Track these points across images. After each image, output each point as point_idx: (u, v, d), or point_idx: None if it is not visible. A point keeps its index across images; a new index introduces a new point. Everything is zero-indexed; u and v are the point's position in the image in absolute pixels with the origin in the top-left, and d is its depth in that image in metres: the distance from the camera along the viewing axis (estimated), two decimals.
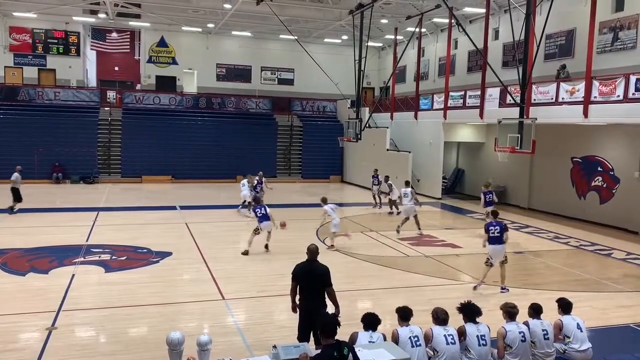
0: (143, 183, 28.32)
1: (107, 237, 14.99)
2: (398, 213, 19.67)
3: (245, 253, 13.31)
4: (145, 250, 13.60)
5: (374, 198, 21.87)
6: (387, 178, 20.89)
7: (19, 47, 30.93)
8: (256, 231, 13.58)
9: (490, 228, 10.65)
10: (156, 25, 31.99)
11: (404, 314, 6.34)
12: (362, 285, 11.19)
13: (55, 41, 31.50)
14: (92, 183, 27.46)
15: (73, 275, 11.18)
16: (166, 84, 33.58)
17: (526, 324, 6.62)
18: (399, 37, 30.16)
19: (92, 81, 33.36)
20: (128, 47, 32.91)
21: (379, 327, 6.18)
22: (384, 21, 29.05)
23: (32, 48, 31.15)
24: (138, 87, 33.18)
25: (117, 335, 8.29)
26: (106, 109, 30.34)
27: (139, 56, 33.38)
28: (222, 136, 30.53)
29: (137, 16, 30.21)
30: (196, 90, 33.87)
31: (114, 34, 32.62)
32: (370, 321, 6.12)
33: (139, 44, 33.23)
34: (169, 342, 5.56)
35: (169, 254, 13.30)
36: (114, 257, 12.87)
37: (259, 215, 13.52)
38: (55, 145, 27.33)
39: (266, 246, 13.63)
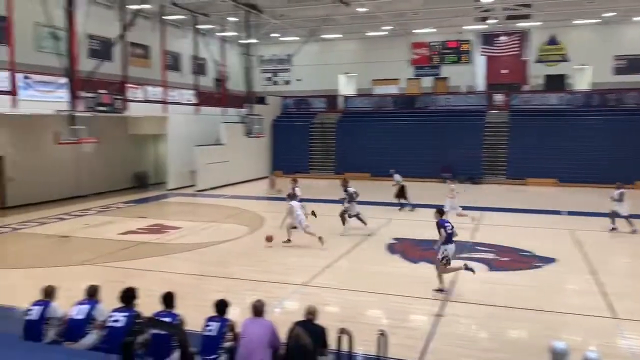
0: (527, 185, 27.91)
1: (491, 236, 15.40)
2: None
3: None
4: (528, 254, 13.42)
5: None
6: (619, 185, 16.04)
7: (418, 60, 34.84)
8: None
9: None
10: (546, 23, 30.94)
11: None
12: None
13: (449, 51, 34.19)
14: (478, 183, 28.67)
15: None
16: (555, 82, 32.16)
17: None
18: None
19: (481, 85, 34.76)
20: (517, 49, 32.91)
21: None
22: None
23: (428, 60, 34.64)
24: (525, 88, 32.87)
25: (496, 334, 8.49)
26: (493, 111, 31.16)
27: (527, 57, 32.97)
28: (615, 136, 27.34)
29: (526, 17, 29.92)
30: (589, 87, 31.28)
31: (503, 37, 33.11)
32: None
33: (528, 44, 32.81)
34: (553, 350, 5.37)
35: (552, 260, 12.78)
36: (497, 257, 13.17)
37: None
38: (445, 147, 29.67)
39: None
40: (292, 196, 15.01)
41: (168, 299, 6.49)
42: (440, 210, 11.12)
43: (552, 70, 32.39)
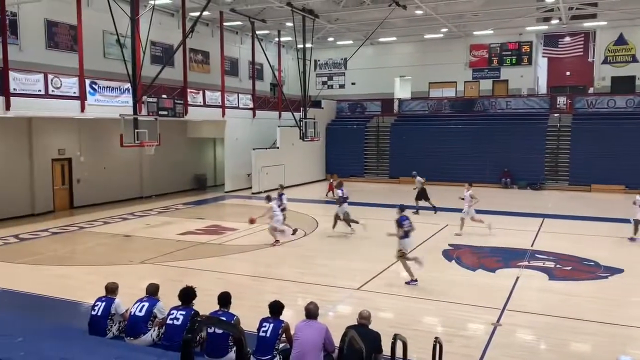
0: (592, 192, 26.72)
1: (552, 244, 14.83)
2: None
3: None
4: (592, 264, 12.83)
5: None
6: None
7: (477, 62, 34.05)
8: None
9: None
10: (614, 23, 29.58)
11: None
12: None
13: (509, 53, 33.23)
14: (539, 189, 27.70)
15: (517, 277, 11.58)
16: (623, 84, 30.65)
17: None
18: None
19: (542, 88, 33.59)
20: (581, 50, 31.60)
21: None
22: None
23: (487, 62, 33.79)
24: (590, 90, 31.50)
25: (557, 345, 8.16)
26: (555, 115, 30.05)
27: (593, 58, 31.60)
28: None
29: (592, 16, 28.69)
30: None
31: (567, 38, 31.89)
32: None
33: (594, 45, 31.46)
34: None
35: (619, 270, 12.16)
36: (558, 266, 12.66)
37: None
38: (504, 152, 28.82)
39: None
40: (269, 198, 15.35)
41: (224, 299, 6.61)
42: (402, 208, 11.62)
43: (620, 71, 30.90)
